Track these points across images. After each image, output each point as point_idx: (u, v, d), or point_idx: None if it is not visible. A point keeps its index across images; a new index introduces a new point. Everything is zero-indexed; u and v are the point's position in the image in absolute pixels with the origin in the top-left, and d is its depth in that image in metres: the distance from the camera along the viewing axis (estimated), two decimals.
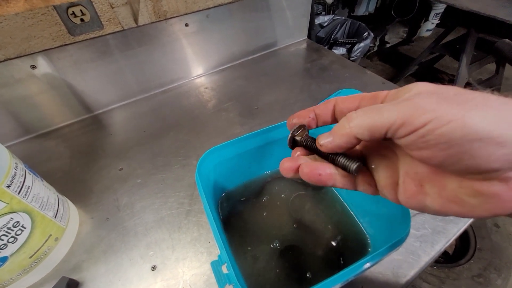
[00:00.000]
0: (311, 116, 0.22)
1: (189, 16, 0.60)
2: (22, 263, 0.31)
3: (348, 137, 0.17)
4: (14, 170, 0.30)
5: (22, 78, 0.49)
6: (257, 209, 0.38)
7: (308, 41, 0.82)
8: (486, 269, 0.97)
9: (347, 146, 0.18)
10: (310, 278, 0.32)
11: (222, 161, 0.35)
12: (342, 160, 0.19)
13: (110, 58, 0.56)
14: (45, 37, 0.48)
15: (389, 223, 0.29)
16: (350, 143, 0.17)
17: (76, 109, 0.59)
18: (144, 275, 0.35)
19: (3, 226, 0.28)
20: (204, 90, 0.66)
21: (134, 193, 0.44)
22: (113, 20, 0.52)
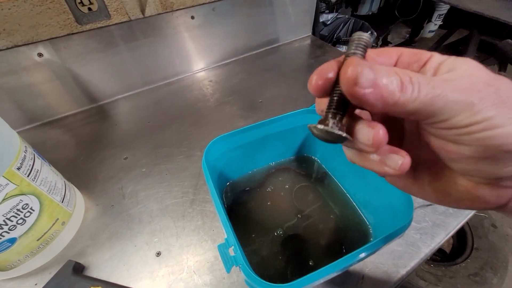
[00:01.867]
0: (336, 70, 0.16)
1: (195, 9, 0.60)
2: (30, 245, 0.32)
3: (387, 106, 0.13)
4: (23, 153, 0.30)
5: (28, 66, 0.49)
6: (261, 199, 0.38)
7: (312, 37, 0.83)
8: (483, 268, 0.98)
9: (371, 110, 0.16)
10: (313, 265, 0.32)
11: (228, 150, 0.36)
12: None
13: (116, 49, 0.57)
14: (52, 25, 0.48)
15: (391, 213, 0.30)
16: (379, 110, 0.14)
17: (81, 99, 0.59)
18: (149, 261, 0.36)
19: (12, 208, 0.29)
20: (207, 84, 0.67)
21: (139, 182, 0.45)
22: (120, 10, 0.52)
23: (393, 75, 0.13)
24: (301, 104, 0.59)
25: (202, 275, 0.34)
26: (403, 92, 0.13)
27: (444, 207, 0.39)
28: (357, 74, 0.13)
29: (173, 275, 0.34)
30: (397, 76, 0.13)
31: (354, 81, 0.13)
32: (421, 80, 0.13)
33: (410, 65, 0.17)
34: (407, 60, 0.17)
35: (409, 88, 0.13)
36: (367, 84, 0.13)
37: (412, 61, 0.16)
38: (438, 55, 0.16)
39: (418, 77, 0.13)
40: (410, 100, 0.13)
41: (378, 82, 0.13)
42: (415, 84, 0.13)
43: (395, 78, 0.13)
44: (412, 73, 0.14)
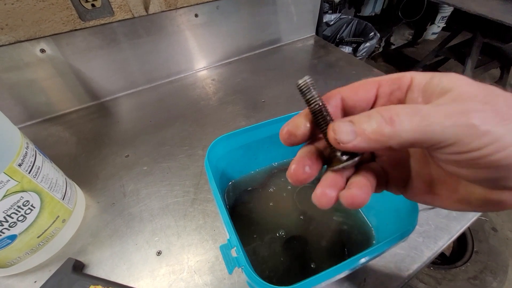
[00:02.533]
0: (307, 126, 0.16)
1: (199, 7, 0.60)
2: (30, 242, 0.32)
3: (381, 145, 0.13)
4: (25, 149, 0.30)
5: (31, 61, 0.49)
6: (263, 199, 0.38)
7: (316, 37, 0.82)
8: (482, 271, 0.98)
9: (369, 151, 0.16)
10: (315, 268, 0.32)
11: (230, 150, 0.35)
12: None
13: (118, 46, 0.56)
14: (55, 21, 0.48)
15: (395, 216, 0.30)
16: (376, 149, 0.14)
17: (83, 95, 0.59)
18: (149, 260, 0.35)
19: (13, 204, 0.28)
20: (210, 82, 0.66)
21: (140, 180, 0.45)
22: (124, 7, 0.52)
23: (373, 116, 0.13)
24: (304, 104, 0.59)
25: (202, 275, 0.34)
26: (391, 125, 0.13)
27: (446, 211, 0.39)
28: (336, 135, 0.14)
29: (173, 274, 0.34)
30: (378, 114, 0.13)
31: (338, 141, 0.14)
32: (408, 110, 0.13)
33: (392, 94, 0.16)
34: (387, 90, 0.16)
35: (396, 120, 0.13)
36: (351, 136, 0.13)
37: (393, 89, 0.16)
38: (418, 75, 0.15)
39: (403, 108, 0.13)
40: (403, 130, 0.12)
41: (359, 130, 0.13)
42: (402, 115, 0.13)
43: (376, 117, 0.13)
44: (399, 106, 0.13)
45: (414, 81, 0.15)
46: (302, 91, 0.16)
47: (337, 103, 0.17)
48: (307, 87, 0.16)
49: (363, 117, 0.14)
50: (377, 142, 0.13)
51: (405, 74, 0.16)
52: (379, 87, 0.16)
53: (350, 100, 0.17)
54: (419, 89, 0.15)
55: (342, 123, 0.14)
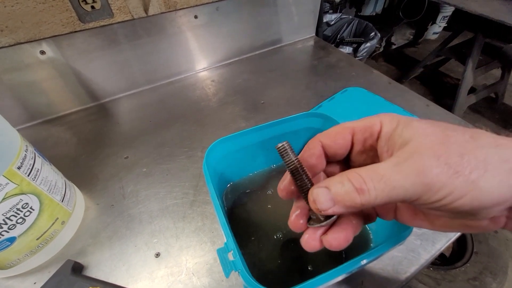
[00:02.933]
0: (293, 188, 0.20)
1: (199, 8, 0.60)
2: (30, 244, 0.32)
3: (356, 209, 0.15)
4: (24, 152, 0.30)
5: (31, 63, 0.49)
6: (261, 202, 0.38)
7: (316, 38, 0.82)
8: (482, 272, 0.98)
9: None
10: (312, 270, 0.32)
11: (229, 152, 0.35)
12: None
13: (118, 48, 0.57)
14: (55, 23, 0.48)
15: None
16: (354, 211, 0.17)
17: (83, 96, 0.59)
18: (148, 261, 0.35)
19: (12, 207, 0.29)
20: (210, 83, 0.66)
21: (139, 182, 0.45)
22: (123, 8, 0.52)
23: (345, 184, 0.15)
24: (304, 105, 0.59)
25: (201, 277, 0.34)
26: (362, 194, 0.14)
27: None
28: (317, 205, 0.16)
29: (172, 276, 0.34)
30: (349, 183, 0.15)
31: (319, 209, 0.16)
32: (373, 176, 0.15)
33: (365, 141, 0.18)
34: (361, 138, 0.18)
35: (365, 190, 0.14)
36: (329, 204, 0.16)
37: (366, 136, 0.18)
38: (386, 122, 0.17)
39: (369, 175, 0.15)
40: (371, 199, 0.14)
41: (336, 198, 0.15)
42: (368, 183, 0.14)
43: (348, 186, 0.15)
44: (363, 172, 0.15)
45: (383, 129, 0.17)
46: (281, 153, 0.19)
47: (320, 152, 0.19)
48: (284, 151, 0.18)
49: (337, 183, 0.16)
50: (352, 208, 0.15)
51: (375, 121, 0.17)
52: (354, 134, 0.18)
53: (330, 148, 0.19)
54: (385, 138, 0.17)
55: (320, 190, 0.16)
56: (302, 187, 0.18)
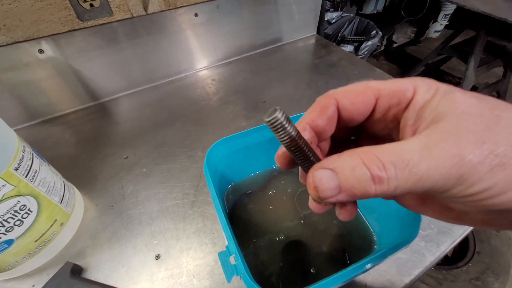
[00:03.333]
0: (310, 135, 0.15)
1: (199, 6, 0.59)
2: (28, 246, 0.31)
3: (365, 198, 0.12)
4: (22, 153, 0.30)
5: (29, 62, 0.49)
6: (263, 202, 0.37)
7: (317, 36, 0.81)
8: (484, 272, 0.97)
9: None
10: (314, 273, 0.32)
11: (230, 152, 0.35)
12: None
13: (118, 46, 0.56)
14: (54, 22, 0.48)
15: (397, 221, 0.29)
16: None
17: (82, 96, 0.58)
18: (148, 263, 0.35)
19: (10, 209, 0.28)
20: (210, 82, 0.66)
21: (139, 182, 0.44)
22: (122, 7, 0.52)
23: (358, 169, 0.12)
24: (305, 104, 0.58)
25: (201, 280, 0.33)
26: (379, 184, 0.11)
27: None
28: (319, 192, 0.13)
29: (172, 278, 0.34)
30: (364, 168, 0.12)
31: (321, 198, 0.13)
32: (396, 162, 0.11)
33: (389, 110, 0.15)
34: (386, 104, 0.15)
35: (383, 179, 0.11)
36: (334, 191, 0.12)
37: (392, 104, 0.14)
38: (421, 89, 0.13)
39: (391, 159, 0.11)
40: (390, 190, 0.12)
41: (343, 185, 0.12)
42: (389, 170, 0.11)
43: (361, 172, 0.12)
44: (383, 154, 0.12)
45: (415, 98, 0.14)
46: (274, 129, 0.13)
47: (332, 114, 0.15)
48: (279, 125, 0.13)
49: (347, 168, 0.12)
50: (362, 197, 0.12)
51: (408, 86, 0.14)
52: (379, 98, 0.15)
53: (346, 112, 0.15)
54: (414, 110, 0.13)
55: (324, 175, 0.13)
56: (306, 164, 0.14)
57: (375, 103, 0.15)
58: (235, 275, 0.22)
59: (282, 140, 0.13)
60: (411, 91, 0.14)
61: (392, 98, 0.14)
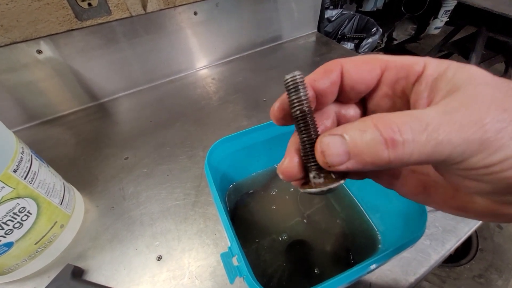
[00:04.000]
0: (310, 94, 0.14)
1: (198, 4, 0.58)
2: (28, 249, 0.31)
3: (378, 168, 0.11)
4: (20, 155, 0.29)
5: (28, 63, 0.48)
6: (265, 202, 0.37)
7: (318, 34, 0.81)
8: (487, 269, 0.97)
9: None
10: (318, 273, 0.31)
11: (231, 152, 0.34)
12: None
13: (117, 46, 0.55)
14: (52, 21, 0.47)
15: (402, 220, 0.29)
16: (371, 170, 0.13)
17: (82, 96, 0.58)
18: (150, 265, 0.35)
19: (9, 211, 0.28)
20: (210, 81, 0.65)
21: (140, 183, 0.44)
22: (121, 6, 0.51)
23: (369, 132, 0.11)
24: None
25: (204, 281, 0.33)
26: (393, 148, 0.11)
27: None
28: (326, 157, 0.12)
29: (174, 280, 0.33)
30: (376, 131, 0.11)
31: (328, 164, 0.12)
32: (414, 124, 0.11)
33: (397, 82, 0.14)
34: (393, 76, 0.14)
35: (398, 142, 0.10)
36: (343, 157, 0.11)
37: (400, 76, 0.14)
38: (432, 64, 0.13)
39: (407, 121, 0.11)
40: (405, 156, 0.11)
41: (353, 150, 0.11)
42: (405, 133, 0.10)
43: (373, 135, 0.11)
44: (400, 118, 0.11)
45: (426, 72, 0.13)
46: (289, 90, 0.14)
47: (336, 78, 0.14)
48: (295, 87, 0.13)
49: (358, 133, 0.11)
50: (374, 165, 0.11)
51: (418, 61, 0.13)
52: (385, 70, 0.14)
53: (350, 78, 0.14)
54: (427, 82, 0.13)
55: (332, 140, 0.12)
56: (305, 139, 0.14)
57: (381, 74, 0.14)
58: (238, 276, 0.22)
59: (292, 102, 0.14)
60: (421, 65, 0.13)
61: (400, 71, 0.14)
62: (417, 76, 0.13)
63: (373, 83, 0.14)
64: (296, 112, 0.14)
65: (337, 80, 0.14)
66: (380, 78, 0.14)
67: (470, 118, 0.10)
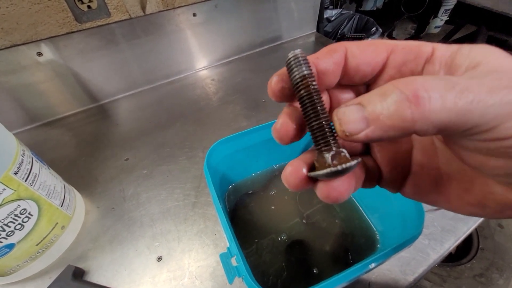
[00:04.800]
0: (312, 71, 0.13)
1: (197, 6, 0.59)
2: (29, 250, 0.31)
3: (402, 132, 0.10)
4: (21, 157, 0.30)
5: (28, 65, 0.49)
6: (264, 203, 0.37)
7: (317, 34, 0.81)
8: (488, 269, 0.97)
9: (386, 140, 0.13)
10: (317, 273, 0.31)
11: (230, 153, 0.35)
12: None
13: (116, 47, 0.56)
14: (51, 24, 0.47)
15: (400, 220, 0.29)
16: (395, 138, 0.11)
17: (82, 98, 0.58)
18: (150, 266, 0.35)
19: (10, 213, 0.28)
20: (210, 82, 0.65)
21: (140, 184, 0.44)
22: (120, 8, 0.51)
23: (389, 93, 0.10)
24: None
25: (204, 281, 0.33)
26: (417, 105, 0.09)
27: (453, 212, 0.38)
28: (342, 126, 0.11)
29: (174, 280, 0.33)
30: (396, 89, 0.10)
31: (345, 132, 0.11)
32: (440, 82, 0.09)
33: (404, 65, 0.13)
34: (400, 59, 0.13)
35: (424, 97, 0.09)
36: (361, 124, 0.10)
37: (407, 59, 0.13)
38: (443, 46, 0.12)
39: (433, 79, 0.10)
40: (431, 114, 0.09)
41: (372, 115, 0.10)
42: (432, 89, 0.09)
43: (394, 94, 0.10)
44: (424, 77, 0.10)
45: (436, 52, 0.12)
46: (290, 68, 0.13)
47: (340, 59, 0.13)
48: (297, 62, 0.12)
49: (376, 96, 0.10)
50: (397, 129, 0.10)
51: (425, 44, 0.13)
52: (391, 52, 0.13)
53: (354, 60, 0.13)
54: (441, 61, 0.12)
55: (348, 108, 0.11)
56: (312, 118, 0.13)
57: (387, 58, 0.13)
58: (237, 276, 0.22)
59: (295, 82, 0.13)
60: (430, 47, 0.12)
61: (409, 53, 0.13)
62: (426, 58, 0.12)
63: (379, 66, 0.13)
64: (300, 92, 0.13)
65: (341, 61, 0.13)
66: (386, 62, 0.13)
67: (501, 83, 0.09)
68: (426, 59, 0.12)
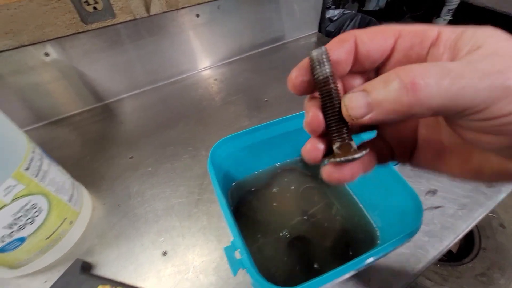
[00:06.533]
0: None
1: (200, 7, 0.60)
2: (39, 244, 0.32)
3: (402, 115, 0.11)
4: (32, 154, 0.31)
5: (35, 65, 0.50)
6: (267, 200, 0.38)
7: (319, 34, 0.82)
8: (490, 268, 0.97)
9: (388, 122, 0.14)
10: (318, 268, 0.32)
11: (234, 151, 0.35)
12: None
13: (121, 48, 0.57)
14: (58, 25, 0.48)
15: (399, 216, 0.30)
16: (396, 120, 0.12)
17: (87, 97, 0.59)
18: (155, 260, 0.36)
19: (21, 208, 0.29)
20: (212, 82, 0.66)
21: (145, 181, 0.45)
22: (125, 9, 0.52)
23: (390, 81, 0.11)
24: None
25: (208, 276, 0.34)
26: (412, 91, 0.11)
27: (452, 210, 0.38)
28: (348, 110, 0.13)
29: (179, 274, 0.34)
30: (396, 78, 0.11)
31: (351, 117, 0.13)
32: (435, 69, 0.11)
33: (411, 48, 0.14)
34: (407, 43, 0.14)
35: (419, 84, 0.10)
36: (365, 109, 0.12)
37: (414, 43, 0.14)
38: (446, 30, 0.13)
39: (430, 67, 0.11)
40: (425, 99, 0.10)
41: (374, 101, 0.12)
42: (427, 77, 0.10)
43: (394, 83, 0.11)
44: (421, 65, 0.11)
45: (442, 36, 0.13)
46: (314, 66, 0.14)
47: (350, 48, 0.14)
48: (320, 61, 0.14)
49: (379, 83, 0.12)
50: (397, 113, 0.11)
51: (431, 27, 0.14)
52: (399, 37, 0.14)
53: (364, 47, 0.14)
54: (446, 44, 0.13)
55: (354, 95, 0.12)
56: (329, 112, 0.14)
57: (395, 42, 0.14)
58: (241, 268, 0.23)
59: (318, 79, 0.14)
60: (435, 31, 0.13)
61: (415, 37, 0.14)
62: (432, 41, 0.13)
63: (387, 51, 0.14)
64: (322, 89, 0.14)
65: (352, 50, 0.14)
66: (393, 46, 0.14)
67: (493, 67, 0.10)
68: (431, 43, 0.13)
